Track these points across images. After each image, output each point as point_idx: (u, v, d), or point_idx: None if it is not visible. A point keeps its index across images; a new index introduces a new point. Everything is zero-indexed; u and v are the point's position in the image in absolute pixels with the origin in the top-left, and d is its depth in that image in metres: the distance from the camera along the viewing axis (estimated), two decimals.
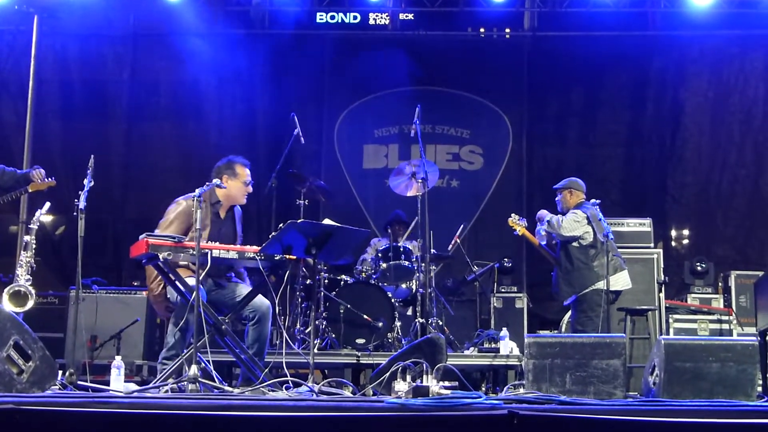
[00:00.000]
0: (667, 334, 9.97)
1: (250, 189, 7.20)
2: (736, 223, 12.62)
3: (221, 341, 6.62)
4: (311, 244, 6.45)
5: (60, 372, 5.83)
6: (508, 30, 13.34)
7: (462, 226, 10.29)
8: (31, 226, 7.56)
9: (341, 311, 8.58)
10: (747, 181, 12.64)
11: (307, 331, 8.51)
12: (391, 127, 12.67)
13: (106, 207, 12.07)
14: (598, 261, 8.29)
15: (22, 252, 7.47)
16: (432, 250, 9.28)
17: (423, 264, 8.95)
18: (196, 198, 6.14)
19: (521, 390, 6.22)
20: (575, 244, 8.46)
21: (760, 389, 7.74)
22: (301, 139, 9.23)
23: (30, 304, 7.32)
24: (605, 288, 8.07)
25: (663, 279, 9.98)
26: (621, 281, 8.47)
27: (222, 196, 7.05)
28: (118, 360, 6.26)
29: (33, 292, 7.35)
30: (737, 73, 12.81)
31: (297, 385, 6.24)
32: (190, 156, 12.46)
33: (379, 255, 9.36)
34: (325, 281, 8.83)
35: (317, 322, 8.43)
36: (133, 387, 6.40)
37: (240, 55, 12.14)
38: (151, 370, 9.05)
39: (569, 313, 9.07)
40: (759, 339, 8.29)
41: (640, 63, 12.86)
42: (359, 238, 7.10)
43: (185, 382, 5.75)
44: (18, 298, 7.30)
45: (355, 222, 8.20)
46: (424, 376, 5.40)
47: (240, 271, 7.15)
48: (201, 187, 6.30)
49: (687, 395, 5.90)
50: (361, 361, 8.32)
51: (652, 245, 10.29)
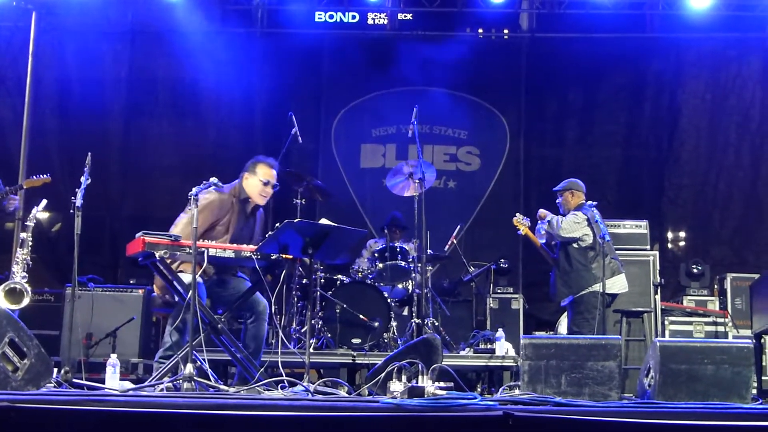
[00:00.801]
0: (663, 336, 9.97)
1: (269, 190, 7.08)
2: (733, 225, 12.65)
3: (217, 340, 6.62)
4: (308, 244, 6.44)
5: (55, 370, 5.82)
6: (506, 31, 13.36)
7: (459, 227, 10.29)
8: (27, 224, 7.57)
9: (337, 311, 8.59)
10: (744, 184, 12.67)
11: (303, 330, 8.51)
12: (388, 127, 12.68)
13: (103, 205, 12.08)
14: (596, 263, 8.28)
15: (18, 249, 7.48)
16: (428, 251, 9.27)
17: (419, 264, 8.96)
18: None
19: (516, 391, 6.22)
20: (575, 246, 8.46)
21: (755, 391, 7.79)
22: (299, 138, 9.21)
23: (26, 302, 7.33)
24: (602, 290, 8.07)
25: (659, 281, 9.97)
26: (618, 284, 8.47)
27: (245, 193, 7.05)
28: (113, 358, 6.24)
29: (29, 289, 7.35)
30: (735, 75, 12.84)
31: (292, 384, 6.23)
32: (188, 154, 12.48)
33: (376, 255, 9.36)
34: (322, 281, 8.83)
35: (313, 322, 8.43)
36: (128, 385, 6.37)
37: (239, 53, 12.15)
38: (146, 368, 9.03)
39: (566, 314, 9.07)
40: (754, 341, 8.34)
41: (638, 65, 12.89)
42: (356, 237, 7.09)
43: (180, 381, 5.74)
44: (14, 295, 7.31)
45: (351, 222, 8.19)
46: (420, 377, 5.39)
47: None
48: (198, 185, 6.27)
49: (682, 397, 5.90)
50: (356, 361, 8.31)
51: (649, 247, 10.27)
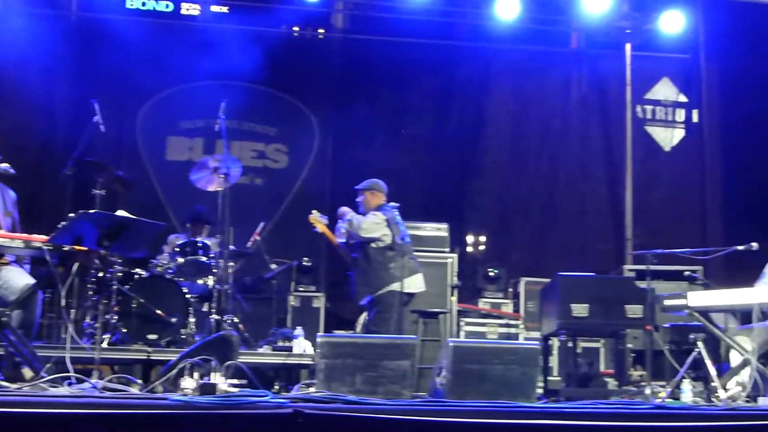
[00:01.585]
0: (458, 336, 10.23)
1: None
2: (531, 230, 13.15)
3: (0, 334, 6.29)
4: (103, 236, 6.22)
5: None
6: (321, 30, 13.35)
7: (262, 224, 10.20)
8: None
9: (134, 306, 8.34)
10: (542, 192, 13.21)
11: (97, 325, 8.21)
12: (197, 120, 12.43)
13: None
14: (394, 263, 8.37)
15: None
16: (231, 247, 9.16)
17: (221, 260, 8.83)
18: None
19: (312, 389, 6.22)
20: (373, 245, 8.53)
21: (540, 391, 8.10)
22: (102, 126, 8.90)
23: None
24: (400, 290, 8.18)
25: (456, 283, 10.23)
26: (415, 284, 8.60)
27: None
28: None
29: None
30: (537, 87, 13.39)
31: (81, 381, 6.01)
32: None
33: (177, 250, 9.15)
34: (119, 275, 8.55)
35: (108, 317, 8.16)
36: None
37: (44, 36, 11.60)
38: None
39: (365, 313, 9.16)
40: (542, 343, 8.69)
41: (447, 72, 13.17)
42: (155, 231, 6.91)
43: None
44: None
45: (155, 215, 7.97)
46: (213, 374, 5.31)
47: None
48: None
49: (472, 396, 6.04)
50: (152, 358, 8.08)
51: (448, 250, 10.53)
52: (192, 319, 8.62)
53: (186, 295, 8.62)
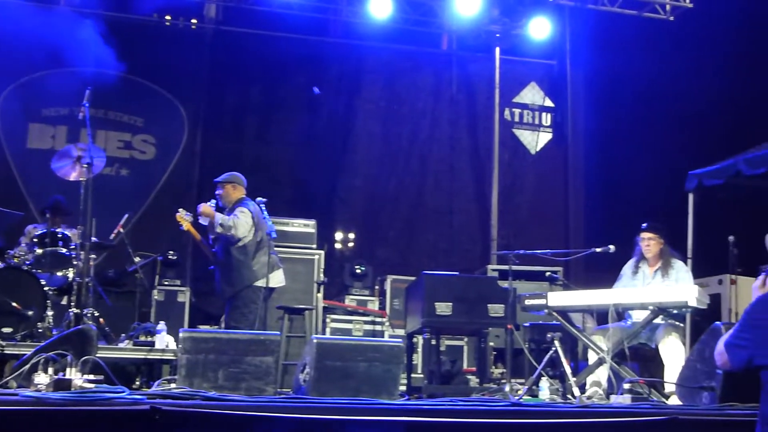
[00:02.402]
0: (324, 333, 10.22)
1: None
2: (399, 228, 13.28)
3: None
4: None
5: None
6: (194, 21, 13.13)
7: (126, 216, 9.95)
8: None
9: None
10: (411, 189, 13.37)
11: None
12: (61, 108, 12.05)
13: None
14: (257, 259, 8.27)
15: None
16: (93, 238, 8.90)
17: (82, 252, 8.58)
18: None
19: (173, 385, 6.11)
20: (238, 244, 8.40)
21: (403, 388, 8.18)
22: None
23: None
24: (263, 286, 8.11)
25: (322, 279, 10.22)
26: (276, 279, 8.52)
27: None
28: None
29: None
30: (408, 86, 13.53)
31: None
32: None
33: (35, 240, 8.83)
34: None
35: None
36: None
37: None
38: None
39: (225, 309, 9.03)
40: (407, 341, 8.78)
41: (319, 67, 13.17)
42: (11, 220, 6.68)
43: None
44: None
45: (14, 205, 7.71)
46: (69, 369, 5.16)
47: None
48: None
49: (335, 393, 6.05)
50: (6, 352, 7.78)
51: (315, 246, 10.50)
52: (50, 313, 8.33)
53: (44, 288, 8.33)
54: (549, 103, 14.35)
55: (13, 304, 8.04)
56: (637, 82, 13.75)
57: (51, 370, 5.18)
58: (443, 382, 9.45)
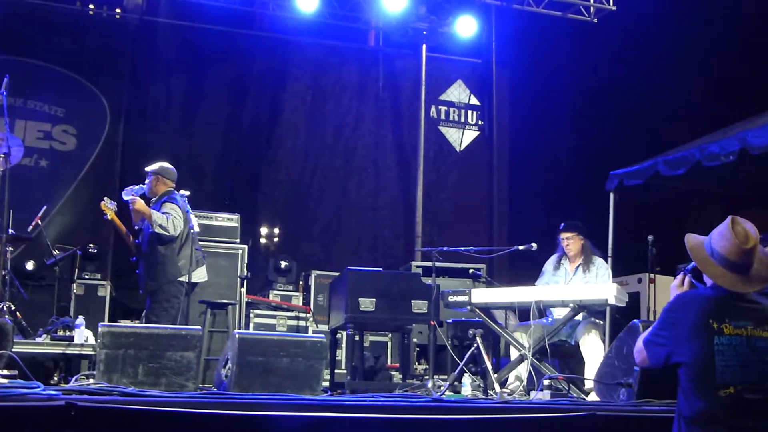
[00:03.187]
0: (247, 328, 10.16)
1: None
2: (323, 223, 13.25)
3: None
4: None
5: None
6: (118, 10, 12.89)
7: (45, 208, 9.74)
8: None
9: None
10: (336, 185, 13.35)
11: None
12: None
13: None
14: (182, 254, 8.17)
15: None
16: (11, 231, 8.71)
17: None
18: None
19: (91, 380, 6.01)
20: (159, 238, 8.25)
21: (327, 384, 8.17)
22: None
23: None
24: (186, 280, 8.01)
25: (245, 274, 10.14)
26: (199, 274, 8.43)
27: None
28: None
29: None
30: (334, 81, 13.50)
31: None
32: None
33: None
34: None
35: None
36: None
37: None
38: None
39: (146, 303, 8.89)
40: (330, 336, 8.76)
41: (244, 61, 13.08)
42: None
43: None
44: None
45: None
46: None
47: None
48: None
49: (257, 388, 6.03)
50: None
51: (239, 240, 10.41)
52: None
53: None
54: (475, 101, 14.46)
55: None
56: (562, 82, 13.95)
57: None
58: (366, 378, 9.45)
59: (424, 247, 12.26)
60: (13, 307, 8.57)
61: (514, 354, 7.71)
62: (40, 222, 9.54)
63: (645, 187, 10.22)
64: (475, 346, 6.77)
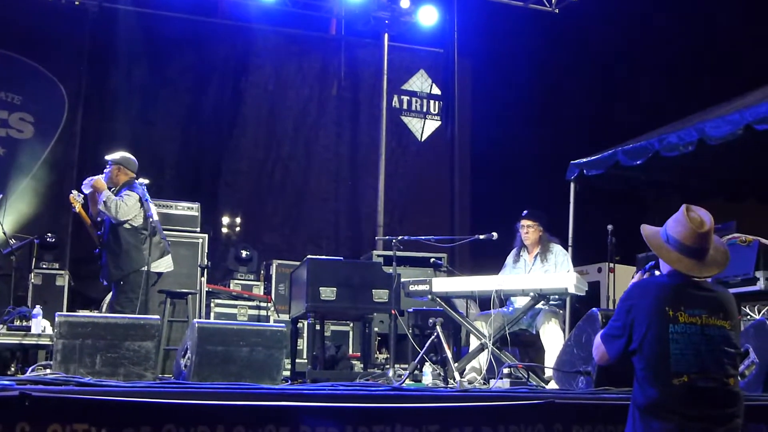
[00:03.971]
0: (208, 318, 10.09)
1: None
2: (285, 213, 13.22)
3: None
4: None
5: None
6: None
7: (1, 196, 9.62)
8: None
9: None
10: (297, 174, 13.32)
11: None
12: None
13: None
14: (146, 243, 8.11)
15: None
16: None
17: None
18: None
19: (48, 371, 5.94)
20: (126, 226, 8.18)
21: (287, 373, 8.15)
22: None
23: None
24: (151, 270, 7.94)
25: (206, 263, 10.07)
26: (164, 263, 8.38)
27: None
28: None
29: None
30: (296, 70, 13.46)
31: None
32: None
33: None
34: None
35: None
36: None
37: None
38: None
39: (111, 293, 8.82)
40: (291, 326, 8.74)
41: (205, 49, 13.00)
42: None
43: None
44: None
45: None
46: None
47: None
48: None
49: (216, 378, 5.99)
50: None
51: (199, 229, 10.34)
52: None
53: None
54: (437, 90, 14.47)
55: None
56: (523, 72, 14.00)
57: None
58: (328, 368, 9.44)
59: (387, 236, 12.27)
60: None
61: (474, 343, 7.73)
62: None
63: (605, 177, 10.28)
64: (435, 334, 6.77)
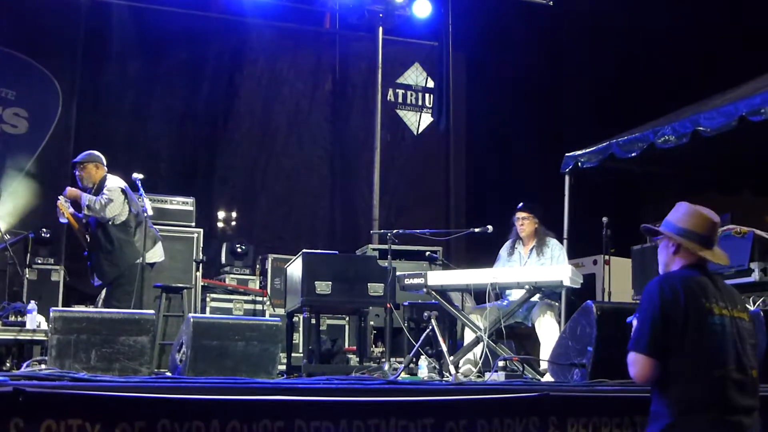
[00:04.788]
0: (204, 312, 10.10)
1: None
2: (280, 207, 13.21)
3: None
4: None
5: None
6: None
7: None
8: None
9: None
10: (292, 168, 13.32)
11: None
12: None
13: None
14: (137, 236, 8.11)
15: None
16: None
17: None
18: None
19: (43, 366, 5.94)
20: (114, 223, 8.16)
21: (282, 367, 8.15)
22: None
23: None
24: (143, 262, 7.94)
25: (201, 258, 10.08)
26: (158, 253, 8.38)
27: None
28: None
29: None
30: (290, 65, 13.45)
31: None
32: None
33: None
34: None
35: None
36: None
37: None
38: None
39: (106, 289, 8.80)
40: (287, 320, 8.74)
41: (200, 43, 12.94)
42: None
43: None
44: None
45: None
46: None
47: None
48: None
49: (212, 372, 5.99)
50: None
51: (194, 224, 10.34)
52: None
53: None
54: (432, 84, 14.46)
55: None
56: (518, 64, 14.00)
57: None
58: (323, 362, 9.45)
59: (381, 229, 12.26)
60: None
61: (469, 336, 7.73)
62: None
63: (600, 170, 10.26)
64: (430, 328, 6.77)
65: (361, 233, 13.39)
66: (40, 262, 10.48)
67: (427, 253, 9.45)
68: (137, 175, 8.28)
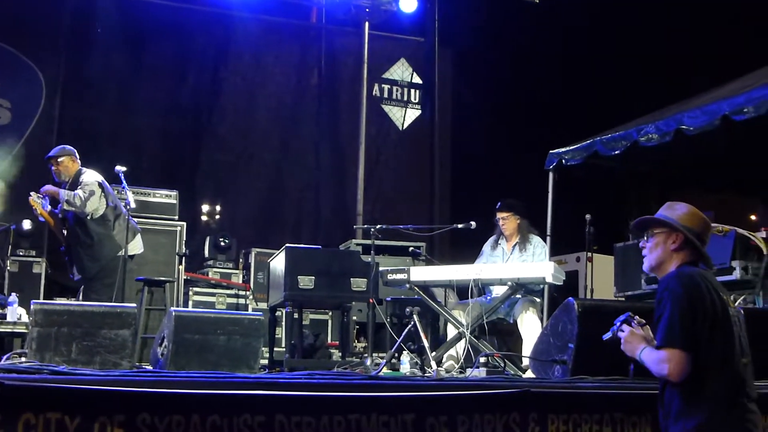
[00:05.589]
0: (186, 306, 10.07)
1: None
2: (264, 201, 13.18)
3: None
4: None
5: None
6: None
7: None
8: None
9: None
10: (276, 162, 13.30)
11: None
12: None
13: None
14: (117, 229, 8.08)
15: None
16: None
17: None
18: None
19: (23, 359, 5.91)
20: (92, 218, 8.11)
21: (265, 361, 8.14)
22: None
23: None
24: (124, 255, 7.91)
25: (184, 251, 10.04)
26: (136, 245, 8.34)
27: None
28: None
29: None
30: (276, 58, 13.41)
31: None
32: None
33: None
34: None
35: None
36: None
37: None
38: None
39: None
40: (270, 314, 8.73)
41: (186, 36, 12.90)
42: None
43: None
44: None
45: None
46: None
47: None
48: None
49: (193, 366, 5.97)
50: None
51: (177, 217, 10.30)
52: None
53: None
54: (417, 79, 14.47)
55: None
56: (504, 61, 14.01)
57: None
58: (306, 356, 9.42)
59: (366, 224, 12.25)
60: None
61: (451, 332, 7.74)
62: None
63: (583, 167, 10.29)
64: (412, 323, 6.77)
65: (345, 228, 13.38)
66: (21, 254, 10.45)
67: (411, 248, 9.44)
68: (120, 168, 8.22)
